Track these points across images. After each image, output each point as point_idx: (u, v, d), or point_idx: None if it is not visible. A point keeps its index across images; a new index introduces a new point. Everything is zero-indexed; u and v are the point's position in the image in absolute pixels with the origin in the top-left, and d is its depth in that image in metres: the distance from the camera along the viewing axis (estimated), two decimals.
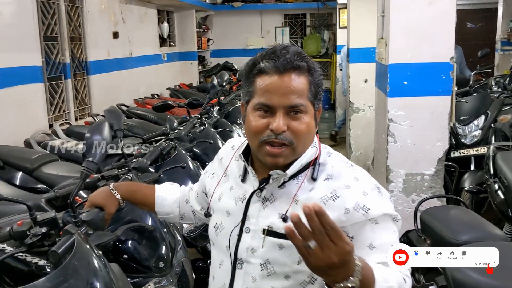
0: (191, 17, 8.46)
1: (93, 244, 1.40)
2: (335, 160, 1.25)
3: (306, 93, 1.17)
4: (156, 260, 1.74)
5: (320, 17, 10.07)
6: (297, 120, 1.17)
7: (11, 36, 3.82)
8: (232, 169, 1.35)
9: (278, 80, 1.16)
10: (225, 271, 1.26)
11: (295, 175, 1.22)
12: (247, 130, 1.23)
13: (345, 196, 1.16)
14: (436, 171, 2.67)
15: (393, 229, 1.19)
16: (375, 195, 1.18)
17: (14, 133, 3.79)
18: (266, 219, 1.20)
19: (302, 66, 1.17)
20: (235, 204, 1.28)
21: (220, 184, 1.36)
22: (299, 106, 1.16)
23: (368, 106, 5.91)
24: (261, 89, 1.18)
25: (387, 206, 1.18)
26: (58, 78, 4.70)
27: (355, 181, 1.19)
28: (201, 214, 1.51)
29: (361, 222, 1.14)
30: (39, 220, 1.42)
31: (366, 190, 1.17)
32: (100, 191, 1.56)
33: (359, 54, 5.84)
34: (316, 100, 1.21)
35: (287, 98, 1.15)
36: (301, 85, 1.17)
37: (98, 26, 5.41)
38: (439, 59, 2.55)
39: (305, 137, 1.19)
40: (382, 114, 2.78)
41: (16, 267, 1.55)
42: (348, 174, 1.21)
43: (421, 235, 2.28)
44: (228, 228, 1.27)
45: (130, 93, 6.14)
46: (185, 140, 2.84)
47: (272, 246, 1.18)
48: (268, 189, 1.23)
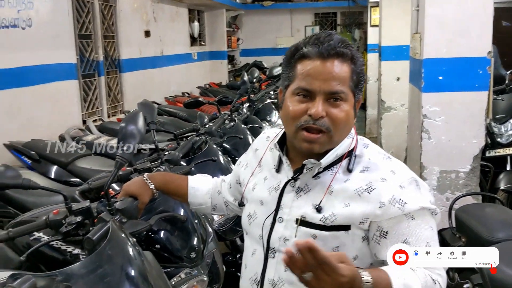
0: (221, 16, 8.51)
1: (127, 232, 1.42)
2: (372, 152, 1.22)
3: (348, 81, 1.15)
4: (188, 251, 1.75)
5: (351, 16, 9.99)
6: (336, 107, 1.14)
7: (47, 34, 3.92)
8: (266, 159, 1.35)
9: (321, 65, 1.13)
10: (258, 260, 1.26)
11: (330, 166, 1.20)
12: (284, 115, 1.21)
13: (380, 189, 1.13)
14: (472, 169, 2.60)
15: (431, 225, 1.16)
16: (413, 189, 1.15)
17: (50, 128, 3.89)
18: (299, 209, 1.19)
19: (346, 54, 1.15)
20: (268, 193, 1.27)
21: (254, 174, 1.36)
22: (339, 93, 1.14)
23: (400, 105, 5.82)
24: (302, 73, 1.16)
25: (425, 200, 1.15)
26: (92, 75, 4.80)
27: (391, 174, 1.16)
28: (234, 205, 1.51)
29: (397, 217, 1.12)
30: (74, 210, 1.44)
31: (403, 183, 1.14)
32: (134, 180, 1.57)
33: (392, 51, 5.77)
34: (357, 90, 1.19)
35: (328, 83, 1.13)
36: (343, 72, 1.14)
37: (130, 24, 5.50)
38: (476, 54, 2.48)
39: (343, 126, 1.16)
40: (416, 110, 2.72)
41: (51, 256, 1.59)
42: (385, 166, 1.18)
43: (456, 233, 2.22)
44: (261, 217, 1.27)
45: (161, 91, 6.22)
46: (215, 135, 2.85)
47: (305, 236, 1.17)
48: (302, 179, 1.21)
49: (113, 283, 1.20)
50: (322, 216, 1.16)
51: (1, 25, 3.38)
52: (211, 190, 1.59)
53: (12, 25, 3.49)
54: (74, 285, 1.15)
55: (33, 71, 3.77)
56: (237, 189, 1.49)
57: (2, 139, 3.28)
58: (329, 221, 1.15)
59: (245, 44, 10.18)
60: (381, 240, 1.15)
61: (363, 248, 1.17)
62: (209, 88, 7.02)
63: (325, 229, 1.15)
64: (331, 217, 1.15)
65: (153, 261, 1.44)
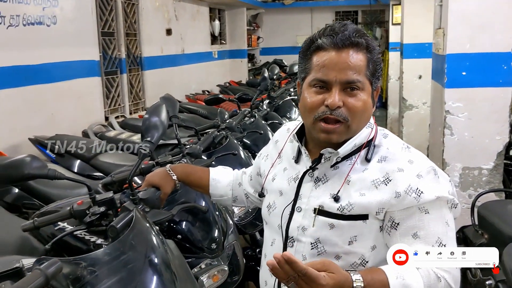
0: (241, 15, 8.54)
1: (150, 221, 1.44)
2: (391, 142, 1.22)
3: (364, 70, 1.15)
4: (209, 242, 1.77)
5: (372, 14, 9.91)
6: (353, 96, 1.15)
7: (71, 31, 3.98)
8: (286, 150, 1.36)
9: (336, 56, 1.14)
10: (277, 249, 1.27)
11: (348, 156, 1.20)
12: (302, 106, 1.22)
13: (397, 180, 1.13)
14: (495, 166, 2.56)
15: (446, 219, 1.14)
16: (430, 178, 1.13)
17: (73, 124, 3.95)
18: (317, 199, 1.20)
19: (361, 43, 1.15)
20: (288, 184, 1.28)
21: (274, 165, 1.38)
22: (356, 82, 1.14)
23: (422, 103, 5.76)
24: (318, 65, 1.16)
25: (442, 189, 1.13)
26: (114, 72, 4.85)
27: (409, 164, 1.15)
28: (254, 196, 1.53)
29: (411, 208, 1.11)
30: (97, 200, 1.47)
31: (420, 172, 1.13)
32: (157, 171, 1.60)
33: (413, 49, 5.71)
34: (374, 79, 1.18)
35: (344, 73, 1.13)
36: (359, 61, 1.14)
37: (152, 23, 5.55)
38: (500, 49, 2.44)
39: (360, 115, 1.16)
40: (439, 106, 2.69)
41: (75, 245, 1.62)
42: (403, 156, 1.17)
43: (478, 230, 2.20)
44: (280, 207, 1.28)
45: (182, 89, 6.26)
46: (236, 130, 2.87)
47: (322, 225, 1.18)
48: (321, 169, 1.22)
49: (137, 269, 1.23)
50: (340, 206, 1.16)
51: (27, 22, 3.46)
52: (232, 182, 1.61)
53: (37, 22, 3.56)
54: (98, 270, 1.18)
55: (57, 68, 3.83)
56: (257, 181, 1.50)
57: (27, 133, 3.35)
58: (347, 210, 1.15)
59: (265, 43, 10.19)
60: (391, 231, 1.15)
61: (380, 238, 1.17)
62: (229, 87, 7.04)
63: (343, 218, 1.16)
64: (348, 207, 1.15)
65: (175, 249, 1.46)
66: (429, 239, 1.10)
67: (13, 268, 1.16)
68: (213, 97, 3.72)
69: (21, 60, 3.43)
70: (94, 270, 1.17)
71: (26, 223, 1.47)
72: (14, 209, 2.58)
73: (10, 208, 2.53)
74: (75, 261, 1.19)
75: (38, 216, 1.53)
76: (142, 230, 1.33)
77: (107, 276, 1.18)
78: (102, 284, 1.16)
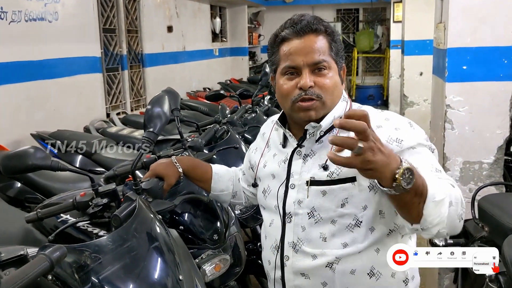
0: (243, 12, 8.55)
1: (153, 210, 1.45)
2: (366, 108, 1.30)
3: (327, 51, 1.26)
4: (211, 233, 1.78)
5: (374, 12, 9.92)
6: (322, 76, 1.25)
7: (73, 27, 4.00)
8: (273, 138, 1.44)
9: (299, 42, 1.25)
10: (276, 228, 1.34)
11: (330, 129, 1.28)
12: (279, 95, 1.32)
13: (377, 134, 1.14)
14: (496, 160, 2.56)
15: (430, 156, 1.20)
16: (407, 128, 1.22)
17: (75, 120, 3.97)
18: (308, 173, 1.28)
19: (320, 28, 1.26)
20: (278, 166, 1.37)
21: (263, 155, 1.46)
22: (322, 62, 1.24)
23: (423, 100, 5.77)
24: (285, 54, 1.27)
25: (420, 137, 1.21)
26: (116, 69, 4.87)
27: (386, 121, 1.24)
28: (248, 191, 1.62)
29: (397, 152, 1.12)
30: (100, 192, 1.48)
31: (397, 125, 1.22)
32: (162, 161, 1.62)
33: (414, 46, 5.72)
34: (338, 58, 1.29)
35: (310, 56, 1.24)
36: (321, 43, 1.25)
37: (153, 19, 5.57)
38: (501, 43, 2.44)
39: (332, 90, 1.26)
40: (439, 101, 2.69)
41: (78, 237, 1.62)
42: (380, 116, 1.26)
43: (479, 223, 2.20)
44: (274, 188, 1.36)
45: (183, 86, 6.28)
46: (237, 125, 2.88)
47: (316, 194, 1.26)
48: (307, 146, 1.30)
49: (140, 256, 1.24)
50: (329, 172, 1.24)
51: (29, 18, 3.47)
52: (233, 178, 1.68)
53: (39, 18, 3.58)
54: (102, 257, 1.19)
55: (59, 64, 3.85)
56: (250, 174, 1.57)
57: (29, 129, 3.37)
58: (336, 174, 1.23)
59: (266, 41, 10.14)
60: None
61: (370, 198, 1.23)
62: (230, 84, 7.05)
63: (333, 183, 1.24)
64: (337, 170, 1.23)
65: (178, 238, 1.47)
66: (425, 166, 1.13)
67: (17, 256, 1.17)
68: (214, 93, 3.74)
69: (23, 56, 3.45)
70: (98, 257, 1.19)
71: (29, 215, 1.48)
72: (16, 203, 2.59)
73: (12, 202, 2.55)
74: (79, 249, 1.21)
75: (41, 208, 1.54)
76: (145, 218, 1.34)
77: (111, 263, 1.19)
78: (106, 271, 1.18)
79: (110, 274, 1.18)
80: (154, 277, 1.24)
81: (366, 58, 10.00)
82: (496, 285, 1.90)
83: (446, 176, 1.16)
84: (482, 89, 2.52)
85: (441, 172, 1.17)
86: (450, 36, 2.50)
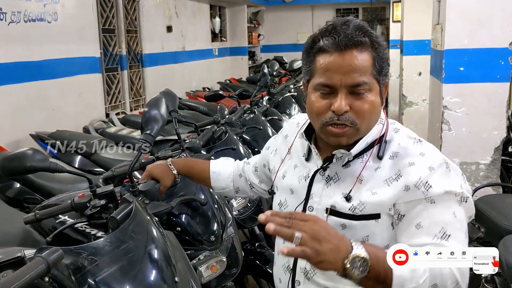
0: (242, 12, 8.55)
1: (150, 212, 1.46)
2: (402, 137, 1.19)
3: (370, 70, 1.11)
4: (208, 234, 1.79)
5: (373, 12, 9.91)
6: (360, 99, 1.11)
7: (72, 27, 4.01)
8: (296, 146, 1.34)
9: (339, 58, 1.10)
10: None
11: (360, 153, 1.18)
12: (309, 111, 1.19)
13: (408, 173, 1.11)
14: (493, 161, 2.57)
15: (453, 210, 1.08)
16: (442, 171, 1.10)
17: (74, 120, 3.98)
18: (329, 198, 1.19)
19: (365, 42, 1.11)
20: (298, 182, 1.27)
21: (284, 162, 1.36)
22: (362, 84, 1.10)
23: (422, 100, 5.77)
24: (322, 68, 1.13)
25: (453, 184, 1.09)
26: (115, 69, 4.88)
27: (421, 157, 1.12)
28: (259, 187, 1.54)
29: (417, 200, 1.09)
30: (98, 193, 1.49)
31: (432, 165, 1.10)
32: (157, 164, 1.62)
33: (413, 46, 5.72)
34: (382, 76, 1.15)
35: (349, 76, 1.10)
36: (364, 61, 1.10)
37: (153, 19, 5.57)
38: (498, 45, 2.46)
39: (369, 117, 1.13)
40: (437, 102, 2.71)
41: (76, 238, 1.63)
42: (415, 150, 1.14)
43: (475, 224, 2.21)
44: (291, 206, 1.27)
45: (182, 86, 6.28)
46: (235, 126, 2.88)
47: (334, 226, 1.13)
48: (332, 168, 1.20)
49: (137, 258, 1.25)
50: (351, 206, 1.15)
51: (28, 19, 3.48)
52: (233, 174, 1.62)
53: (38, 19, 3.59)
54: (99, 259, 1.20)
55: (59, 64, 3.86)
56: (264, 172, 1.50)
57: (28, 129, 3.37)
58: (358, 210, 1.14)
59: (266, 40, 10.20)
60: (398, 223, 1.13)
61: (393, 236, 1.15)
62: (229, 84, 7.05)
63: (355, 219, 1.15)
64: (360, 206, 1.14)
65: (174, 240, 1.48)
66: (432, 229, 1.07)
67: (14, 257, 1.18)
68: (213, 94, 3.74)
69: (22, 56, 3.46)
70: (94, 259, 1.19)
71: (28, 216, 1.48)
72: (15, 203, 2.60)
73: (11, 203, 2.55)
74: (76, 251, 1.22)
75: (40, 209, 1.55)
76: (142, 220, 1.35)
77: (107, 265, 1.20)
78: (103, 273, 1.18)
79: (107, 276, 1.18)
80: (150, 279, 1.25)
81: None
82: (492, 285, 1.92)
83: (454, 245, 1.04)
84: (479, 90, 2.54)
85: (449, 239, 1.06)
86: (447, 38, 2.52)
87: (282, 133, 1.44)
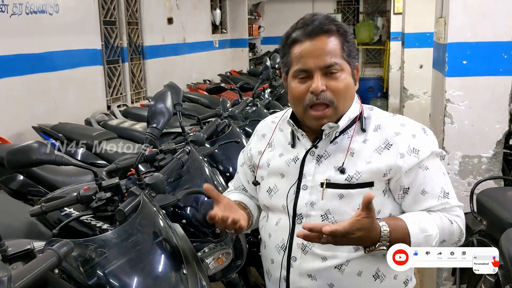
0: (243, 4, 8.52)
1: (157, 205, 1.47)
2: (378, 113, 1.35)
3: (339, 52, 1.24)
4: (213, 226, 1.80)
5: (374, 4, 9.87)
6: (334, 79, 1.24)
7: (73, 20, 4.00)
8: (277, 139, 1.41)
9: (310, 45, 1.24)
10: (283, 227, 1.32)
11: (345, 130, 1.29)
12: (291, 98, 1.31)
13: (397, 143, 1.25)
14: (495, 154, 2.58)
15: (442, 170, 1.30)
16: (422, 136, 1.28)
17: (75, 112, 3.98)
18: (322, 174, 1.28)
19: (332, 29, 1.24)
20: (287, 165, 1.34)
21: (264, 154, 1.41)
22: (334, 65, 1.23)
23: (423, 93, 5.77)
24: (296, 56, 1.26)
25: (433, 144, 1.29)
26: (116, 61, 4.88)
27: (402, 127, 1.28)
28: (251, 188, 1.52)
29: (413, 169, 1.25)
30: (104, 186, 1.50)
31: (414, 132, 1.27)
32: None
33: (415, 39, 5.71)
34: (351, 58, 1.28)
35: (321, 59, 1.23)
36: (333, 45, 1.24)
37: (153, 11, 5.55)
38: (501, 38, 2.45)
39: (344, 94, 1.26)
40: (439, 95, 2.70)
41: (82, 231, 1.64)
42: (395, 122, 1.30)
43: (477, 217, 2.23)
44: (283, 188, 1.33)
45: (183, 78, 6.27)
46: (238, 119, 2.89)
47: (332, 197, 1.26)
48: (321, 147, 1.30)
49: (145, 251, 1.26)
50: (347, 176, 1.25)
51: (30, 11, 3.47)
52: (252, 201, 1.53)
53: (40, 11, 3.58)
54: (107, 252, 1.21)
55: (60, 56, 3.86)
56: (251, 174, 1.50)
57: (31, 121, 3.38)
58: (355, 179, 1.25)
59: (266, 32, 10.16)
60: (405, 197, 1.28)
61: (384, 201, 1.27)
62: (230, 76, 7.04)
63: (352, 187, 1.25)
64: (356, 175, 1.25)
65: (181, 233, 1.49)
66: (435, 191, 1.26)
67: (24, 250, 1.19)
68: (215, 86, 3.74)
69: (24, 49, 3.46)
70: (103, 251, 1.21)
71: (34, 208, 1.49)
72: (19, 196, 2.62)
73: (15, 195, 2.57)
74: (85, 243, 1.23)
75: (45, 201, 1.56)
76: (149, 213, 1.36)
77: (116, 257, 1.21)
78: (111, 265, 1.20)
79: (115, 268, 1.20)
80: (159, 271, 1.26)
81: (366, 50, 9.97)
82: (493, 278, 1.93)
83: (453, 201, 1.28)
84: (482, 84, 2.53)
85: (449, 195, 1.28)
86: (450, 31, 2.51)
87: (256, 134, 1.50)
